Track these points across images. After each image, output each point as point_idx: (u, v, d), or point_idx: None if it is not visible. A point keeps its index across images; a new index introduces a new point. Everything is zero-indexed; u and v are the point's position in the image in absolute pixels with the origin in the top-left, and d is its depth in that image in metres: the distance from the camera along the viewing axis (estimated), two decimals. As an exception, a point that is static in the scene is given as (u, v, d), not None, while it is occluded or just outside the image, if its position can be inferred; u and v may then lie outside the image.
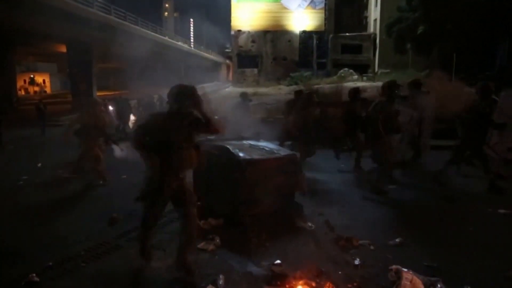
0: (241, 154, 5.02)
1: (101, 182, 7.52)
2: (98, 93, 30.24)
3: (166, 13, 75.62)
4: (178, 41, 50.14)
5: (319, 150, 8.49)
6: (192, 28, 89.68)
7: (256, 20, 41.77)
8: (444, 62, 25.50)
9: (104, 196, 6.77)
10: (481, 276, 3.75)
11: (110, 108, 13.74)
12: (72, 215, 5.84)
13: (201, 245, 4.46)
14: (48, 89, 50.47)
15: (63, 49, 28.40)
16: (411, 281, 3.43)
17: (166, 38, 43.96)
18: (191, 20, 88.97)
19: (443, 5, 24.26)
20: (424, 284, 3.46)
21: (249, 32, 42.32)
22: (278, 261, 3.97)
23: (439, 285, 3.46)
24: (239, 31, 42.58)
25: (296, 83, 24.14)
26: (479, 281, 3.64)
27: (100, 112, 7.62)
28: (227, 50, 66.38)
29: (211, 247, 4.42)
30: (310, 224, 5.00)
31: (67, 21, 22.18)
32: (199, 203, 5.76)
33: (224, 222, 5.04)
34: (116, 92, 38.78)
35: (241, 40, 42.70)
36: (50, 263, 4.12)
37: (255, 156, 5.08)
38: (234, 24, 42.74)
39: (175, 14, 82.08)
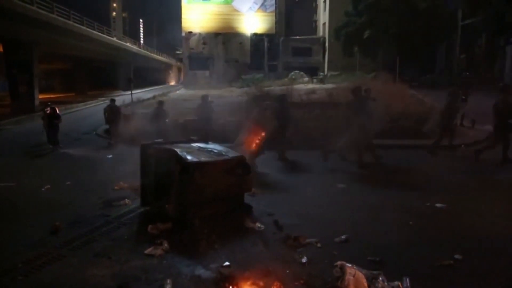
0: (189, 157, 4.98)
1: None
2: (41, 96, 28.68)
3: (114, 13, 73.11)
4: (126, 42, 48.67)
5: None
6: (142, 29, 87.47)
7: (207, 22, 41.58)
8: (389, 65, 26.77)
9: (46, 203, 6.42)
10: (418, 266, 3.99)
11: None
12: (11, 224, 5.49)
13: (148, 250, 4.37)
14: (-17, 92, 47.04)
15: (-1, 48, 26.52)
16: (354, 276, 3.57)
17: (114, 39, 42.54)
18: (141, 20, 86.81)
19: (386, 11, 25.49)
20: (367, 277, 3.61)
21: (200, 34, 42.02)
22: (227, 263, 3.98)
23: (380, 278, 3.62)
24: (190, 32, 42.16)
25: (248, 86, 24.24)
26: (417, 271, 3.86)
27: None
28: (178, 52, 65.46)
29: (159, 252, 4.33)
30: (259, 225, 5.05)
31: (2, 18, 20.70)
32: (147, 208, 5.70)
33: (173, 225, 4.96)
34: (61, 95, 37.02)
35: (192, 42, 42.31)
36: (-17, 278, 3.85)
37: (203, 158, 5.06)
38: (185, 26, 42.26)
39: (123, 14, 79.49)
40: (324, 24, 41.55)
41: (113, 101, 13.37)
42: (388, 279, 3.60)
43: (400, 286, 3.52)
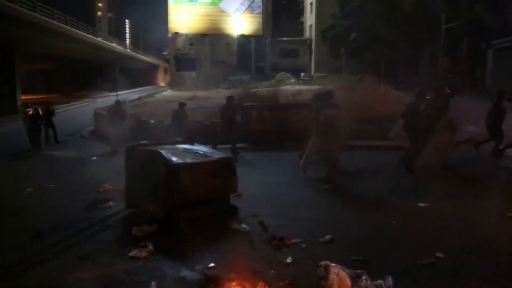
0: (174, 159, 4.97)
1: None
2: (24, 97, 28.21)
3: (99, 13, 72.36)
4: (112, 43, 48.20)
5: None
6: (128, 29, 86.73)
7: (194, 23, 41.43)
8: (375, 67, 27.02)
9: (29, 207, 6.32)
10: (401, 265, 4.05)
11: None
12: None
13: (133, 253, 4.33)
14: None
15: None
16: (338, 275, 3.61)
17: (99, 39, 42.08)
18: (127, 21, 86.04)
19: (372, 14, 25.75)
20: (350, 276, 3.66)
21: (186, 35, 41.87)
22: (212, 264, 3.99)
23: (363, 277, 3.67)
24: (177, 33, 41.97)
25: (235, 87, 24.28)
26: (399, 269, 3.92)
27: None
28: (164, 53, 65.11)
29: (143, 254, 4.31)
30: (244, 226, 5.07)
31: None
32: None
33: (158, 227, 4.94)
34: (45, 96, 36.43)
35: (179, 42, 42.14)
36: (-38, 284, 3.78)
37: (189, 160, 5.06)
38: (172, 26, 42.05)
39: (109, 14, 78.75)
40: (310, 26, 41.81)
41: (118, 102, 12.19)
42: (372, 278, 3.65)
43: (383, 284, 3.58)
